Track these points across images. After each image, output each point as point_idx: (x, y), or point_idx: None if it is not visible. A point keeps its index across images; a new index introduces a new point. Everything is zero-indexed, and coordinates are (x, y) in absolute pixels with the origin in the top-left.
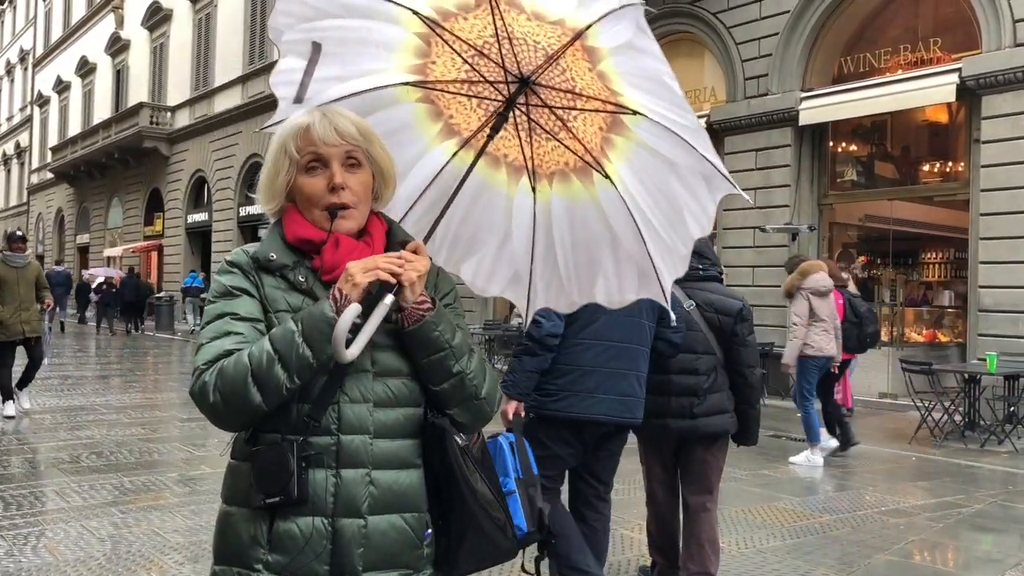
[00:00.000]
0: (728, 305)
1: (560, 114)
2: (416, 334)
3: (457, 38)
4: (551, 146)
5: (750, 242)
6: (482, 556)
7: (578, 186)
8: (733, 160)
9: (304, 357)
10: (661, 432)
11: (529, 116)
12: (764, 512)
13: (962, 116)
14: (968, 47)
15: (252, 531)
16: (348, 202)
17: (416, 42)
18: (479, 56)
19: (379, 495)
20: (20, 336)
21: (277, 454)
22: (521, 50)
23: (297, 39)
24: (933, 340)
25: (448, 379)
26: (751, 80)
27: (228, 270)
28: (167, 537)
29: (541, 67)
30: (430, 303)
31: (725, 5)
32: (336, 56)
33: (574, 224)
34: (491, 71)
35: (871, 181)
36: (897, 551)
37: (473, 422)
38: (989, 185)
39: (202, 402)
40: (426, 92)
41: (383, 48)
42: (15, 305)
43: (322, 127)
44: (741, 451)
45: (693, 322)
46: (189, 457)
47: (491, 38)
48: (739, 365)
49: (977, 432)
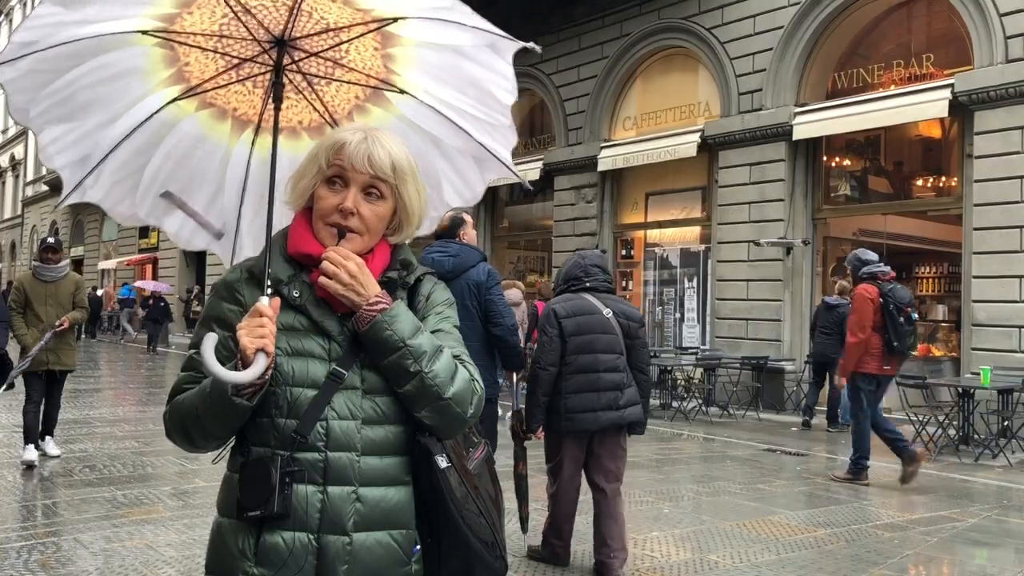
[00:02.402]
0: (633, 312)
1: (328, 55)
2: (368, 336)
3: (192, 34)
4: (334, 88)
5: (744, 256)
6: (470, 574)
7: (378, 113)
8: (727, 174)
9: (214, 415)
10: (591, 425)
11: (301, 71)
12: (758, 526)
13: (955, 131)
14: (960, 63)
15: (240, 543)
16: (353, 227)
17: (160, 53)
18: (224, 39)
19: (366, 512)
20: (44, 367)
21: (261, 469)
22: (265, 16)
23: (44, 108)
24: (927, 354)
25: (409, 380)
26: (745, 95)
27: (214, 295)
28: (160, 551)
29: (288, 21)
30: (385, 304)
31: (719, 20)
32: (95, 103)
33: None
34: (244, 48)
35: (865, 195)
36: (892, 565)
37: (444, 424)
38: (982, 200)
39: (166, 432)
40: (201, 97)
41: (135, 75)
42: (41, 328)
43: (356, 151)
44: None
45: (612, 326)
46: (183, 470)
47: (225, 18)
48: (640, 363)
49: (971, 446)
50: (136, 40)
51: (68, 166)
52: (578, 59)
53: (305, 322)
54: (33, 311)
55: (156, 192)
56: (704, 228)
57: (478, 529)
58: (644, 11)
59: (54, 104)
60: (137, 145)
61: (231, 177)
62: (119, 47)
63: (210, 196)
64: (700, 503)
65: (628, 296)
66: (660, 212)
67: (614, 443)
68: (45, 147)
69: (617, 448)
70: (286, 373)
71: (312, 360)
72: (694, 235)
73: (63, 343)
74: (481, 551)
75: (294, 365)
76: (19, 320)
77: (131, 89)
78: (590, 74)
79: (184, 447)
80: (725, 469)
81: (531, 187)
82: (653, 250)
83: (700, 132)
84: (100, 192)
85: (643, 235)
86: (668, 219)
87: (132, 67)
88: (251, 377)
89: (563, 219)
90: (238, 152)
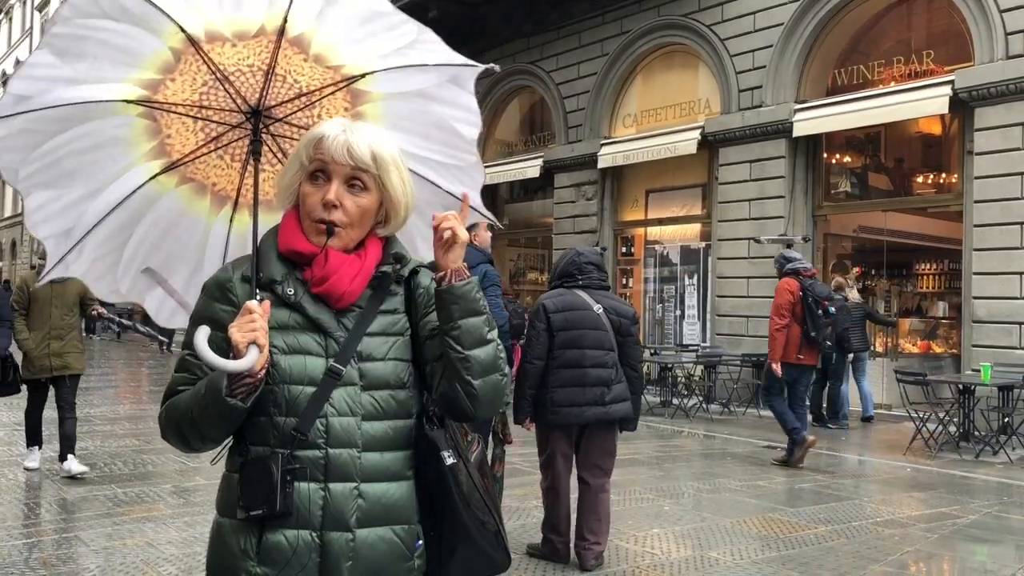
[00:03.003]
0: (625, 309)
1: (300, 121)
2: (462, 291)
3: (174, 104)
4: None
5: (744, 253)
6: (474, 569)
7: None
8: (728, 171)
9: (211, 417)
10: (576, 419)
11: (275, 139)
12: (759, 523)
13: (955, 128)
14: (961, 59)
15: (242, 543)
16: (337, 221)
17: (143, 124)
18: (204, 109)
19: (368, 508)
20: (48, 373)
21: (262, 467)
22: (242, 83)
23: (33, 171)
24: (927, 351)
25: (480, 345)
26: (745, 92)
27: (206, 295)
28: (161, 549)
29: (263, 89)
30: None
31: (719, 17)
32: (80, 172)
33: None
34: (223, 118)
35: (865, 192)
36: (892, 562)
37: (488, 402)
38: (982, 197)
39: (161, 434)
40: (181, 172)
41: (119, 145)
42: (44, 332)
43: (335, 143)
44: (736, 462)
45: (602, 323)
46: (183, 468)
47: (205, 87)
48: (631, 360)
49: (972, 443)
50: (121, 109)
51: (52, 237)
52: (578, 56)
53: (300, 319)
54: (39, 312)
55: (137, 268)
56: (704, 225)
57: (484, 522)
58: (644, 8)
59: (42, 168)
60: (119, 222)
61: (210, 256)
62: (104, 116)
63: (189, 273)
64: (701, 500)
65: (628, 294)
66: (660, 209)
67: (602, 439)
68: (31, 213)
69: (605, 444)
70: (283, 371)
71: (309, 357)
72: (694, 232)
73: (70, 345)
74: (486, 544)
75: (291, 362)
76: (21, 322)
77: (115, 160)
78: (590, 71)
79: (180, 448)
80: (726, 466)
81: (501, 227)
82: (653, 247)
83: (700, 129)
84: (82, 267)
85: (643, 232)
86: (668, 216)
87: (115, 137)
88: (245, 366)
89: (563, 216)
90: (217, 230)
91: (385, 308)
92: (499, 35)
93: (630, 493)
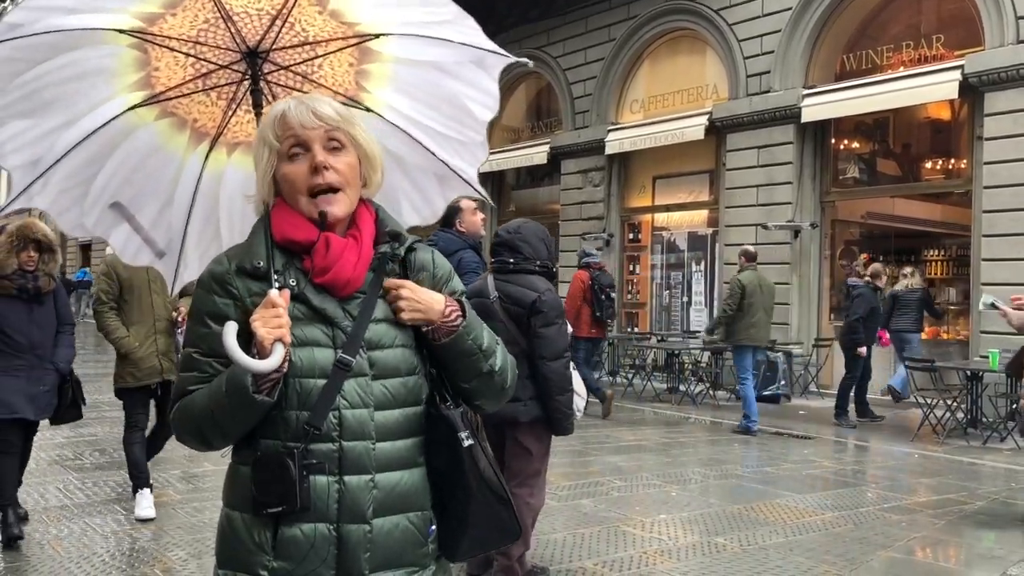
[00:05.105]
0: (522, 296)
1: (300, 69)
2: (448, 347)
3: (168, 37)
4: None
5: (752, 239)
6: (487, 541)
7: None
8: (735, 157)
9: (233, 413)
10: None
11: (269, 84)
12: (766, 509)
13: (964, 113)
14: (971, 44)
15: (256, 537)
16: (333, 182)
17: (132, 55)
18: (199, 45)
19: (382, 497)
20: (158, 377)
21: (278, 463)
22: (245, 25)
23: (11, 101)
24: (936, 337)
25: (477, 377)
26: (753, 77)
27: (204, 289)
28: (171, 534)
29: (266, 33)
30: (460, 312)
31: (727, 2)
32: (59, 101)
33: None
34: (216, 56)
35: (873, 178)
36: (899, 548)
37: (492, 407)
38: (992, 182)
39: (177, 436)
40: (163, 106)
41: (102, 76)
42: (148, 325)
43: (299, 111)
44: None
45: (495, 312)
46: (191, 454)
47: (206, 23)
48: (533, 356)
49: (979, 429)
50: (111, 39)
51: (19, 168)
52: (585, 42)
53: (305, 310)
54: (137, 302)
55: (105, 202)
56: (712, 211)
57: (500, 497)
58: None
59: (21, 97)
60: (91, 153)
61: (181, 192)
62: (92, 44)
63: (158, 210)
64: (707, 486)
65: (635, 280)
66: (668, 196)
67: (512, 439)
68: (3, 143)
69: (515, 446)
70: (294, 365)
71: (317, 348)
72: (702, 219)
73: (172, 343)
74: (499, 519)
75: (300, 355)
76: (113, 318)
77: (96, 90)
78: (597, 57)
79: (199, 448)
80: (732, 452)
81: (492, 204)
82: (660, 234)
83: (708, 115)
84: (47, 199)
85: (650, 219)
86: (676, 203)
87: (100, 67)
88: (273, 366)
89: (570, 203)
90: (190, 166)
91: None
92: (506, 20)
93: (637, 479)
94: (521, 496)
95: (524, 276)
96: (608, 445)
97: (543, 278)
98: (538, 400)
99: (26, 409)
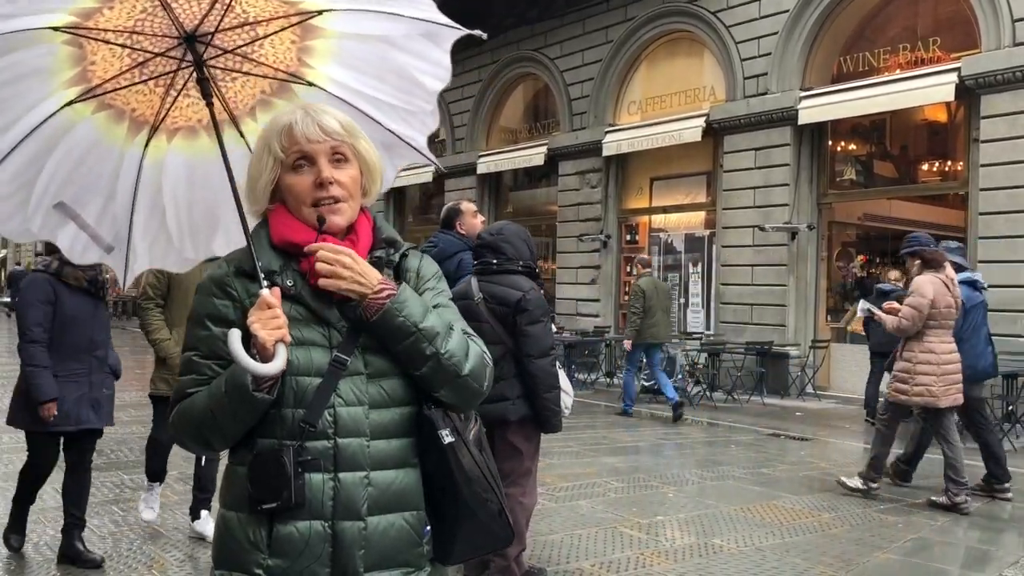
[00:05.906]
0: (506, 296)
1: (240, 51)
2: (380, 324)
3: (104, 30)
4: (239, 84)
5: (749, 241)
6: (478, 545)
7: (282, 106)
8: (732, 159)
9: (234, 413)
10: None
11: (208, 67)
12: (763, 510)
13: (961, 115)
14: (967, 46)
15: (251, 535)
16: (337, 196)
17: (67, 51)
18: (135, 35)
19: (377, 496)
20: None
21: (274, 460)
22: (182, 11)
23: None
24: None
25: (425, 362)
26: (750, 79)
27: (203, 292)
28: (168, 535)
29: (204, 17)
30: (391, 289)
31: (724, 4)
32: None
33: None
34: (152, 44)
35: (870, 180)
36: (896, 549)
37: (462, 401)
38: (988, 184)
39: (176, 439)
40: (100, 99)
41: (38, 76)
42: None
43: (305, 124)
44: (739, 450)
45: (480, 313)
46: (188, 455)
47: (143, 13)
48: (519, 354)
49: None
50: (46, 37)
51: None
52: (583, 43)
53: (303, 311)
54: (180, 302)
55: (49, 204)
56: (709, 213)
57: (487, 499)
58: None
59: None
60: (29, 154)
61: (123, 183)
62: (27, 45)
63: (102, 204)
64: (704, 488)
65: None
66: (665, 197)
67: (501, 439)
68: None
69: (505, 445)
70: (291, 363)
71: (314, 348)
72: (699, 220)
73: None
74: (490, 521)
75: (297, 355)
76: (158, 316)
77: (32, 91)
78: (595, 58)
79: (199, 451)
80: (729, 454)
81: (443, 169)
82: (658, 235)
83: (705, 117)
84: None
85: (648, 220)
86: (673, 204)
87: (36, 67)
88: (279, 368)
89: (567, 204)
90: (130, 156)
91: None
92: (503, 22)
93: (634, 480)
94: (514, 496)
95: (508, 276)
96: (605, 446)
97: (526, 278)
98: (526, 398)
99: (92, 418)
